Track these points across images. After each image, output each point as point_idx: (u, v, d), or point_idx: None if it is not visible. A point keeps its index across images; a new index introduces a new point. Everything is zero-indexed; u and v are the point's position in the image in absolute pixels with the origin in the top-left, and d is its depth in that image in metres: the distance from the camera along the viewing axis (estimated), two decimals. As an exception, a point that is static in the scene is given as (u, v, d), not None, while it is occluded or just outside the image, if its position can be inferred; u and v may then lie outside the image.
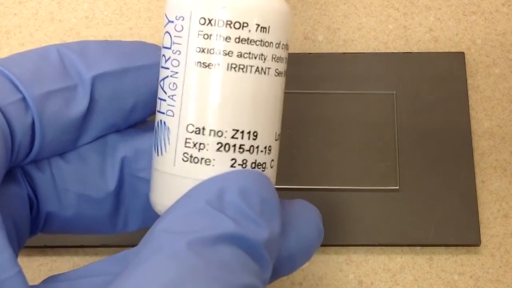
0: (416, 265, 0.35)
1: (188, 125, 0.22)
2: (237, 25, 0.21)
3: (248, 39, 0.21)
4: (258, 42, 0.21)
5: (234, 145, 0.21)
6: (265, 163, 0.22)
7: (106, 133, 0.24)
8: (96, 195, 0.23)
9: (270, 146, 0.22)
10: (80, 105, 0.22)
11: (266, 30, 0.21)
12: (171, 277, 0.18)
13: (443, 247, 0.35)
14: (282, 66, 0.22)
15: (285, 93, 0.23)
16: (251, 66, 0.21)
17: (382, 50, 0.38)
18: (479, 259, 0.35)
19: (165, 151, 0.22)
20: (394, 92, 0.37)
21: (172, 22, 0.22)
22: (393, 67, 0.37)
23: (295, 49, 0.38)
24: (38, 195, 0.23)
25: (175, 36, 0.22)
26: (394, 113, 0.36)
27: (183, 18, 0.22)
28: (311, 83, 0.37)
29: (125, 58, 0.23)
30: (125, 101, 0.23)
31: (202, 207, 0.20)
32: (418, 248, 0.35)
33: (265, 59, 0.21)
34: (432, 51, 0.38)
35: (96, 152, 0.24)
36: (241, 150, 0.21)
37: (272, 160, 0.22)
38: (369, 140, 0.36)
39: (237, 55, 0.21)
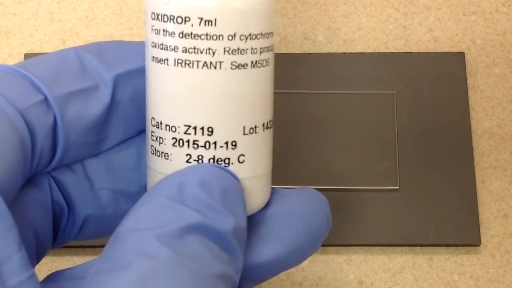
0: (416, 265, 0.35)
1: (151, 118, 0.22)
2: (179, 20, 0.20)
3: (191, 33, 0.21)
4: (203, 36, 0.21)
5: (188, 141, 0.21)
6: (228, 158, 0.21)
7: (129, 137, 0.23)
8: (131, 189, 0.23)
9: (234, 142, 0.21)
10: (102, 106, 0.22)
11: (212, 23, 0.20)
12: (146, 275, 0.18)
13: (443, 247, 0.35)
14: (244, 58, 0.21)
15: (286, 93, 0.23)
16: (198, 61, 0.21)
17: (382, 50, 0.38)
18: (479, 259, 0.35)
19: (146, 142, 0.22)
20: (394, 92, 0.37)
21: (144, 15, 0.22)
22: (393, 67, 0.37)
23: (295, 49, 0.38)
24: (73, 199, 0.23)
25: (144, 30, 0.22)
26: (394, 113, 0.36)
27: (145, 12, 0.22)
28: (311, 83, 0.37)
29: (142, 57, 0.22)
30: (144, 101, 0.23)
31: (164, 202, 0.19)
32: (418, 248, 0.35)
33: (213, 53, 0.21)
34: (432, 51, 0.38)
35: (130, 143, 0.23)
36: (195, 145, 0.21)
37: (242, 155, 0.21)
38: (369, 140, 0.36)
39: (182, 50, 0.21)
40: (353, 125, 0.36)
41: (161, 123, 0.21)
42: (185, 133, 0.21)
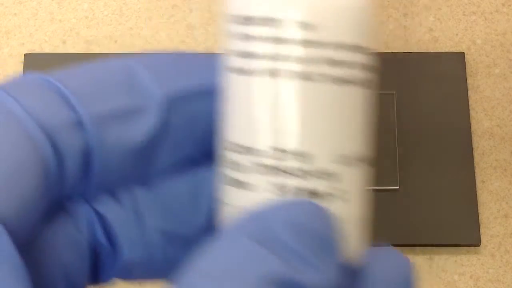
0: (416, 265, 0.35)
1: (225, 141, 0.18)
2: (268, 23, 0.17)
3: (283, 39, 0.17)
4: (298, 43, 0.17)
5: (275, 167, 0.17)
6: (328, 193, 0.17)
7: (180, 168, 0.20)
8: (186, 231, 0.20)
9: (333, 173, 0.17)
10: (149, 129, 0.19)
11: (311, 28, 0.17)
12: None
13: (443, 247, 0.35)
14: (346, 73, 0.17)
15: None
16: (291, 72, 0.17)
17: (382, 50, 0.38)
18: (479, 259, 0.35)
19: (218, 171, 0.19)
20: (394, 92, 0.37)
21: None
22: (393, 67, 0.37)
23: (295, 49, 0.38)
24: (118, 237, 0.19)
25: (220, 37, 0.18)
26: (394, 113, 0.36)
27: (221, 16, 0.18)
28: (311, 83, 0.37)
29: (202, 74, 0.19)
30: (202, 127, 0.19)
31: (244, 245, 0.16)
32: (418, 248, 0.35)
33: (311, 63, 0.17)
34: (432, 51, 0.38)
35: (185, 177, 0.20)
36: (283, 174, 0.17)
37: (343, 190, 0.18)
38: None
39: (271, 59, 0.17)
40: (353, 125, 0.36)
41: (239, 146, 0.17)
42: (272, 157, 0.17)
